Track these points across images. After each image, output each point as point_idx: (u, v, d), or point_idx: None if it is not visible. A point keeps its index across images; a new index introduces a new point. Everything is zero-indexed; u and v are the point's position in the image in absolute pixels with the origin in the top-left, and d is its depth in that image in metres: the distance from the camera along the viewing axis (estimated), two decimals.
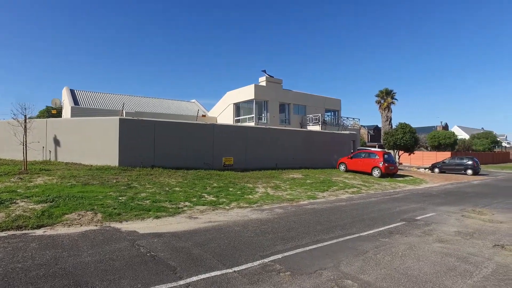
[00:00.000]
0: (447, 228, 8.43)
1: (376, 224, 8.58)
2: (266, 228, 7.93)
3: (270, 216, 9.42)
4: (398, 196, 14.52)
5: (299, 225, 8.32)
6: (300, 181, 17.25)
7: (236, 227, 8.02)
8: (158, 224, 8.12)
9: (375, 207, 11.46)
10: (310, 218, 9.29)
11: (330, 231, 7.75)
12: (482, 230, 8.21)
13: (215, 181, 15.02)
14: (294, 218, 9.23)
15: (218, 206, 10.79)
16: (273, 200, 12.33)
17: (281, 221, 8.73)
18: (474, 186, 20.31)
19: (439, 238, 7.34)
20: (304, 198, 13.05)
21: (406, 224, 8.72)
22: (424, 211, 10.77)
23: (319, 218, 9.22)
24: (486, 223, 9.13)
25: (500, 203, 13.14)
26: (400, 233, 7.73)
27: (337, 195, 14.38)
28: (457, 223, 9.09)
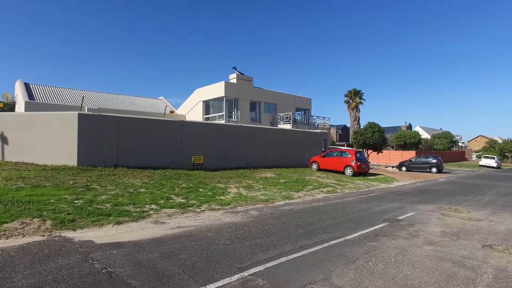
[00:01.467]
0: (431, 228, 8.05)
1: (359, 226, 8.04)
2: (242, 233, 7.14)
3: (245, 219, 8.63)
4: (374, 195, 14.24)
5: (278, 229, 7.60)
6: (273, 181, 16.59)
7: (208, 233, 7.16)
8: (119, 232, 7.09)
9: (354, 207, 10.99)
10: (289, 220, 8.60)
11: (313, 235, 7.08)
12: (466, 230, 7.91)
13: (184, 182, 14.02)
14: (272, 221, 8.50)
15: (187, 208, 9.85)
16: (247, 201, 11.55)
17: (258, 225, 7.97)
18: (442, 184, 20.64)
19: (427, 240, 6.89)
20: (280, 199, 12.38)
21: (390, 225, 8.25)
22: (404, 210, 10.43)
23: (299, 221, 8.55)
24: (467, 222, 8.88)
25: (471, 200, 13.19)
26: (387, 235, 7.22)
27: (313, 195, 13.85)
28: (439, 222, 8.76)
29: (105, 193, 10.73)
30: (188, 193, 11.98)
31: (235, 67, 30.48)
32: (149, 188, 12.13)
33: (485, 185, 20.04)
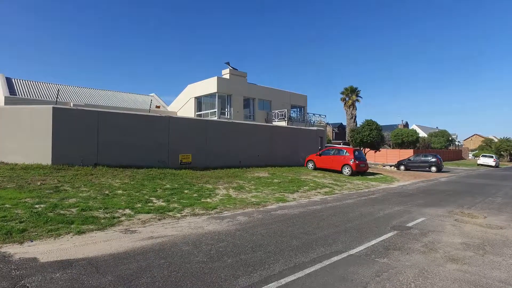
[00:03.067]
0: (449, 238, 6.88)
1: (364, 236, 6.85)
2: (224, 246, 5.91)
3: (231, 227, 7.41)
4: (376, 197, 13.07)
5: (268, 240, 6.38)
6: (266, 181, 15.38)
7: (184, 245, 5.93)
8: (76, 244, 5.85)
9: (355, 211, 9.80)
10: (281, 228, 7.39)
11: (310, 248, 5.88)
12: (490, 241, 6.74)
13: (169, 182, 12.77)
14: (262, 229, 7.29)
15: (166, 213, 8.62)
16: (236, 204, 10.33)
17: (245, 235, 6.75)
18: (445, 184, 19.56)
19: (448, 255, 5.71)
20: (272, 201, 11.17)
21: (399, 234, 7.07)
22: (412, 216, 9.26)
23: (293, 229, 7.34)
24: (488, 230, 7.72)
25: (482, 203, 12.08)
26: (398, 248, 6.03)
27: (309, 197, 12.66)
28: (456, 230, 7.60)
29: (75, 196, 9.47)
30: (171, 195, 10.74)
31: (228, 62, 29.20)
32: (127, 190, 10.88)
33: (491, 185, 18.99)
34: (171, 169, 15.56)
